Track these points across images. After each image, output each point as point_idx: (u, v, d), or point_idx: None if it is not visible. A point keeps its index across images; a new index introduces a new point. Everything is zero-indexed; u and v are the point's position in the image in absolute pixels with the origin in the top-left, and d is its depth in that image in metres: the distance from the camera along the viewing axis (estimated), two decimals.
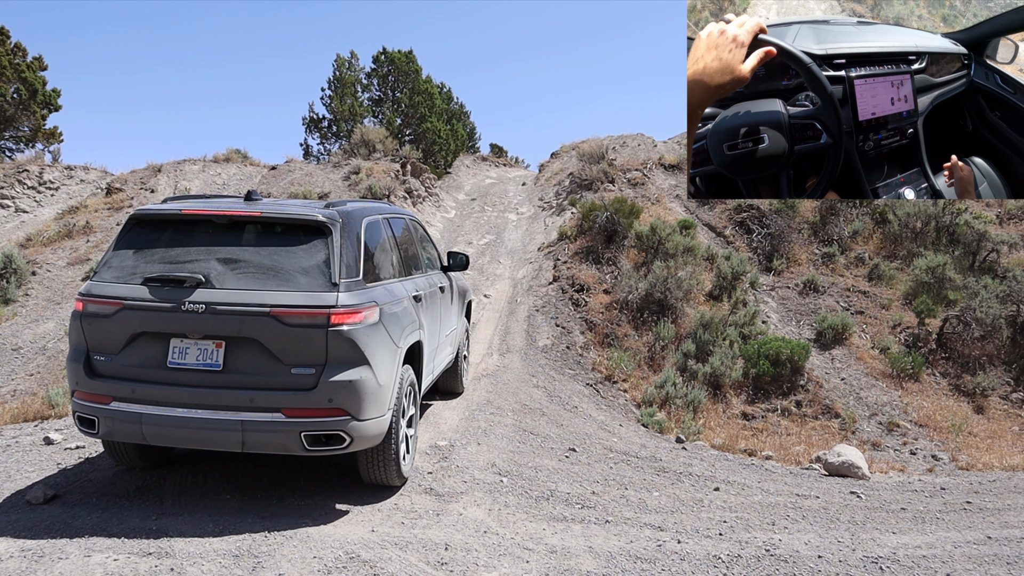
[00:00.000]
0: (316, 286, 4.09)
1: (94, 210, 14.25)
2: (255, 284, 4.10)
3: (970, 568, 4.46)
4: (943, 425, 8.71)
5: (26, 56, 19.71)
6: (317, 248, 4.21)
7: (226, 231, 4.31)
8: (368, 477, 4.73)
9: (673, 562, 4.17)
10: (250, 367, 4.06)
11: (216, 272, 4.14)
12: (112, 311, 4.15)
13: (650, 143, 19.23)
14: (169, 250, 4.28)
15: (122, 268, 4.27)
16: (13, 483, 5.08)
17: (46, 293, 11.21)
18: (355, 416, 4.10)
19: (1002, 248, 12.41)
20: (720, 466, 6.54)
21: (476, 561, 3.93)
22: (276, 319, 4.00)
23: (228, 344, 4.07)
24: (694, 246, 11.70)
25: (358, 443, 4.21)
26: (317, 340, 4.02)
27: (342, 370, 4.06)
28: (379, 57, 23.82)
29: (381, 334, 4.33)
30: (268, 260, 4.18)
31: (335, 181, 15.90)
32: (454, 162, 22.44)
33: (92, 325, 4.21)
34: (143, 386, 4.10)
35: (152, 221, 4.41)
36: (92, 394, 4.20)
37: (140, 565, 3.62)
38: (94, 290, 4.25)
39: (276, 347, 4.03)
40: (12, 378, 8.74)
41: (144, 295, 4.13)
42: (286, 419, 4.00)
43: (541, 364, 8.90)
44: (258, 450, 4.19)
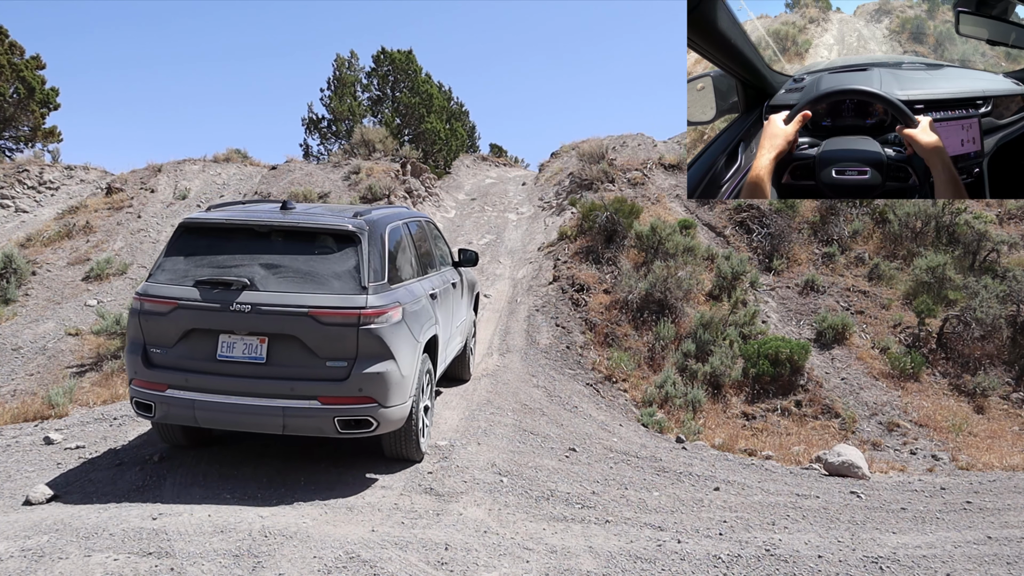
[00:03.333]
0: (348, 289, 4.63)
1: (94, 210, 14.24)
2: (294, 287, 4.64)
3: (970, 568, 4.46)
4: (943, 425, 8.71)
5: (23, 55, 19.69)
6: (348, 255, 4.75)
7: (266, 239, 4.83)
8: (391, 453, 5.29)
9: (673, 562, 4.16)
10: (290, 360, 4.59)
11: (259, 276, 4.67)
12: (168, 310, 4.68)
13: (650, 143, 19.22)
14: (216, 255, 4.80)
15: (175, 271, 4.80)
16: (13, 483, 5.08)
17: (46, 293, 11.20)
18: (382, 403, 4.64)
19: (1002, 248, 12.40)
20: (720, 466, 6.54)
21: (476, 561, 3.93)
22: (313, 318, 4.53)
23: (271, 340, 4.60)
24: (694, 246, 11.70)
25: (384, 427, 4.76)
26: (349, 337, 4.55)
27: (371, 363, 4.59)
28: (379, 57, 23.80)
29: (404, 331, 4.85)
30: (305, 265, 4.72)
31: (335, 181, 15.90)
32: (454, 162, 22.43)
33: (149, 322, 4.74)
34: (195, 376, 4.63)
35: (199, 229, 4.96)
36: (149, 382, 4.71)
37: (140, 565, 3.62)
38: (151, 291, 4.78)
39: (313, 343, 4.55)
40: (12, 378, 8.74)
41: (196, 296, 4.65)
42: (322, 406, 4.55)
43: (541, 364, 8.89)
44: (297, 433, 4.71)
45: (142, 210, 14.36)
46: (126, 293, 11.14)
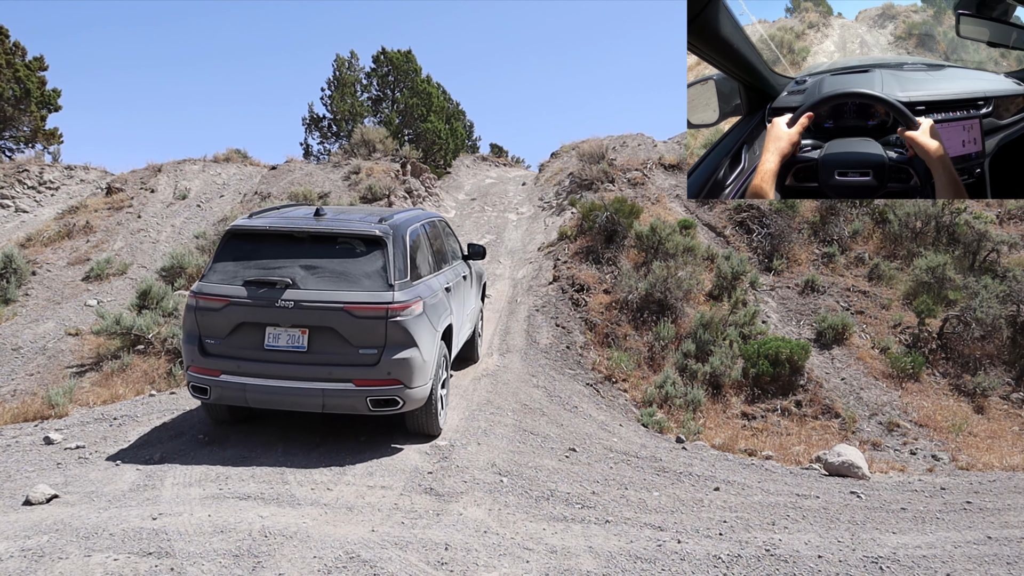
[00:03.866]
0: (377, 287, 5.31)
1: (94, 210, 14.24)
2: (330, 285, 5.30)
3: (970, 568, 4.46)
4: (943, 425, 8.70)
5: (25, 56, 19.68)
6: (376, 257, 5.43)
7: (305, 243, 5.50)
8: (413, 428, 5.91)
9: (673, 562, 4.16)
10: (328, 349, 5.25)
11: (300, 276, 5.34)
12: (221, 306, 5.35)
13: (650, 143, 19.22)
14: (260, 258, 5.46)
15: (225, 272, 5.47)
16: (13, 483, 5.08)
17: (46, 293, 11.20)
18: (407, 385, 5.31)
19: (1002, 248, 12.40)
20: (720, 466, 6.54)
21: (476, 561, 3.93)
22: (348, 312, 5.20)
23: (311, 331, 5.27)
24: (694, 246, 11.70)
25: (409, 405, 5.44)
26: (379, 328, 5.23)
27: (397, 350, 5.26)
28: (378, 57, 23.78)
29: (425, 322, 5.52)
30: (339, 267, 5.40)
31: (335, 181, 15.90)
32: (454, 162, 22.42)
33: (204, 316, 5.40)
34: (245, 363, 5.30)
35: (245, 234, 5.61)
36: (204, 368, 5.38)
37: (140, 565, 3.62)
38: (205, 289, 5.44)
39: (348, 333, 5.23)
40: (12, 378, 8.74)
41: (245, 294, 5.33)
42: (356, 388, 5.24)
43: (541, 364, 8.89)
44: (334, 411, 5.42)
45: (142, 210, 14.36)
46: (126, 293, 11.14)
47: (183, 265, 11.70)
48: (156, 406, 7.08)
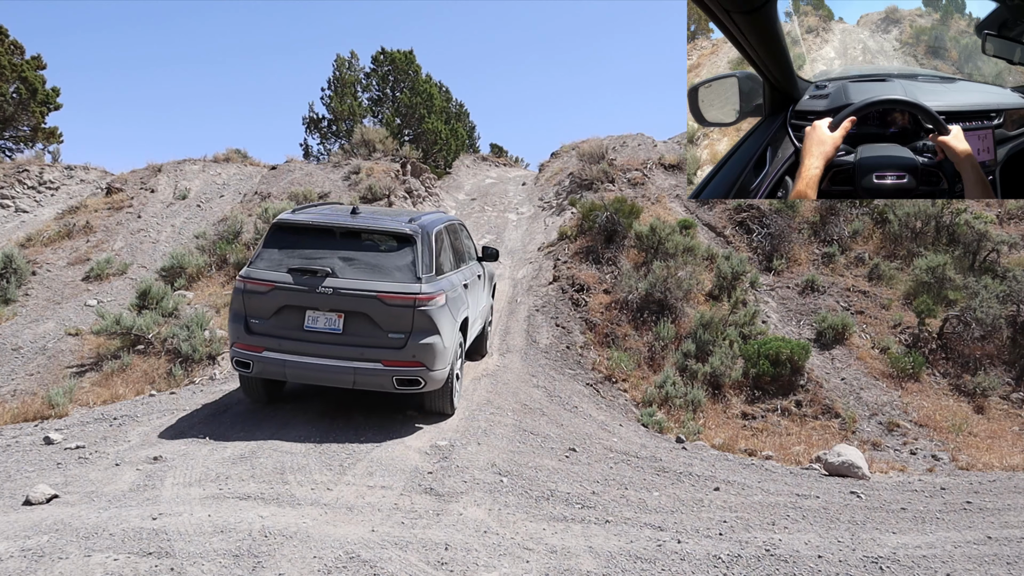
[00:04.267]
0: (406, 279, 5.94)
1: (94, 210, 14.24)
2: (365, 276, 5.93)
3: (970, 568, 4.46)
4: (943, 425, 8.70)
5: (24, 55, 19.66)
6: (406, 252, 6.06)
7: (343, 237, 6.13)
8: (431, 408, 6.47)
9: (673, 562, 4.16)
10: (361, 332, 5.88)
11: (338, 266, 5.96)
12: (266, 290, 5.96)
13: (650, 143, 19.20)
14: (303, 249, 6.06)
15: (271, 260, 6.08)
16: (13, 483, 5.08)
17: (46, 293, 11.20)
18: (429, 368, 5.92)
19: (1002, 248, 12.39)
20: (720, 466, 6.54)
21: (476, 561, 3.93)
22: (380, 300, 5.83)
23: (346, 316, 5.89)
24: (694, 246, 11.69)
25: (429, 386, 6.03)
26: (407, 315, 5.85)
27: (422, 336, 5.88)
28: (379, 57, 23.76)
29: (446, 312, 6.13)
30: (373, 260, 6.04)
31: (335, 181, 15.90)
32: (454, 162, 22.41)
33: (251, 299, 6.01)
34: (286, 342, 5.92)
35: (289, 227, 6.23)
36: (249, 345, 5.99)
37: (140, 565, 3.62)
38: (253, 275, 6.05)
39: (379, 319, 5.85)
40: (12, 378, 8.74)
41: (289, 280, 5.93)
42: (384, 367, 5.86)
43: (541, 364, 8.89)
44: (364, 388, 5.98)
45: (142, 210, 14.36)
46: (126, 293, 11.14)
47: (183, 265, 11.70)
48: (156, 406, 7.08)
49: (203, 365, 8.60)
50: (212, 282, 11.51)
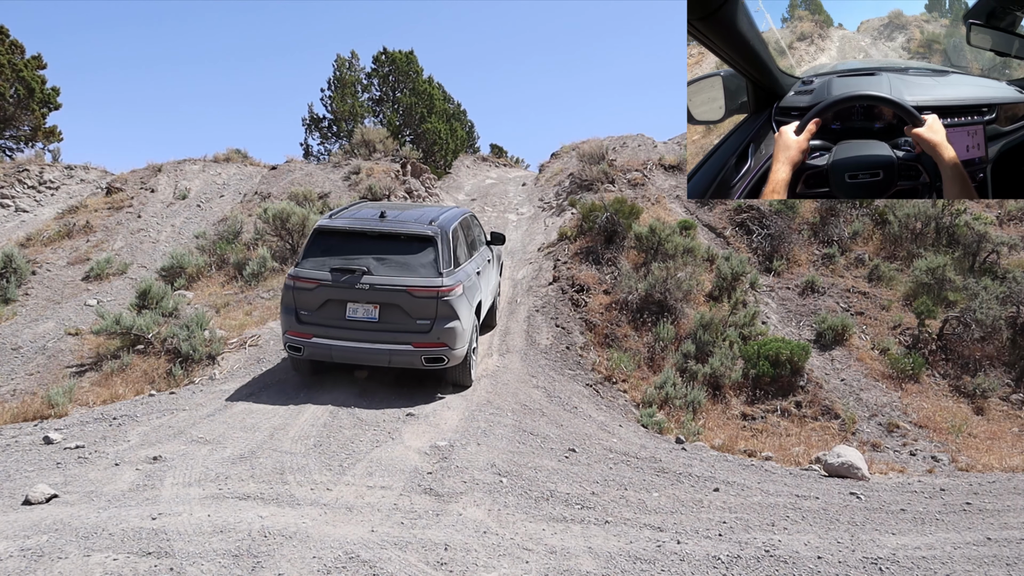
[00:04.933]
0: (430, 274, 6.96)
1: (94, 210, 14.24)
2: (396, 272, 6.95)
3: (969, 569, 4.46)
4: (943, 426, 8.70)
5: (24, 54, 19.66)
6: (429, 252, 7.06)
7: (375, 239, 7.12)
8: (453, 381, 7.50)
9: (673, 563, 4.16)
10: (394, 320, 6.89)
11: (373, 265, 6.97)
12: (313, 287, 6.96)
13: (650, 144, 19.21)
14: (343, 251, 7.06)
15: (315, 261, 7.07)
16: (13, 483, 5.08)
17: (46, 293, 11.20)
18: (451, 347, 6.97)
19: (1002, 249, 12.39)
20: (720, 467, 6.54)
21: (476, 561, 3.93)
22: (409, 293, 6.85)
23: (381, 307, 6.92)
24: (694, 247, 11.69)
25: (451, 362, 7.08)
26: (431, 305, 6.86)
27: (445, 322, 6.90)
28: (379, 57, 23.74)
29: (464, 300, 7.14)
30: (401, 258, 7.04)
31: (335, 181, 15.90)
32: (454, 162, 22.40)
33: (300, 294, 7.00)
34: (331, 329, 6.93)
35: (329, 232, 7.25)
36: (300, 333, 7.01)
37: (140, 565, 3.62)
38: (301, 274, 7.05)
39: (409, 308, 6.87)
40: (12, 378, 8.74)
41: (331, 278, 6.93)
42: (414, 348, 6.89)
43: (541, 364, 8.89)
44: (397, 366, 7.08)
45: (142, 210, 14.36)
46: (126, 293, 11.14)
47: (183, 265, 11.70)
48: (156, 406, 7.08)
49: (203, 365, 8.60)
50: (212, 282, 11.51)
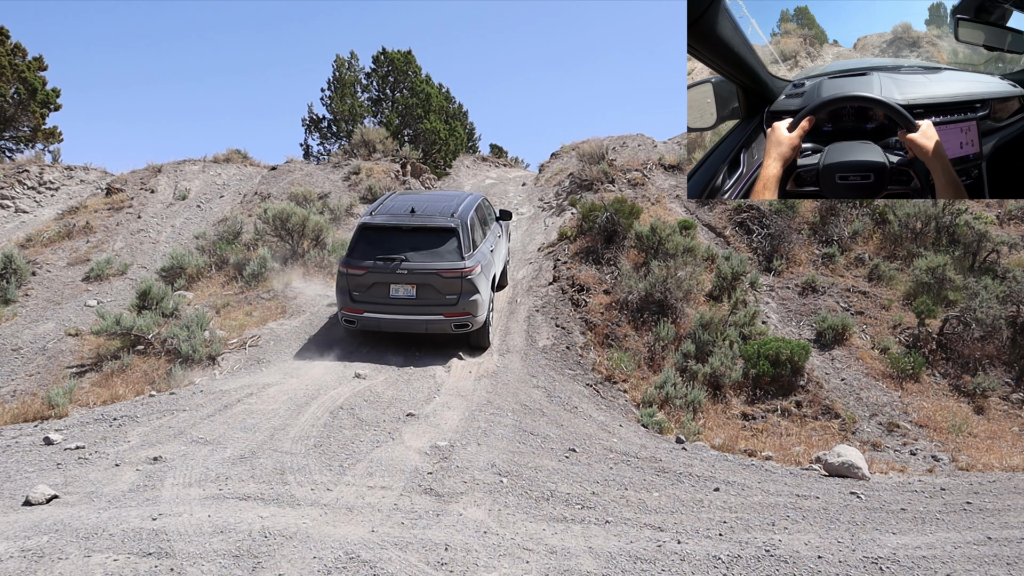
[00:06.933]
0: (455, 259, 8.56)
1: (94, 210, 14.24)
2: (427, 259, 8.57)
3: (970, 568, 4.46)
4: (943, 425, 8.70)
5: (25, 56, 19.67)
6: (453, 241, 8.67)
7: (409, 232, 8.75)
8: (475, 343, 9.10)
9: (673, 562, 4.16)
10: (428, 296, 8.50)
11: (410, 253, 8.59)
12: (362, 273, 8.58)
13: (650, 144, 19.20)
14: (383, 243, 8.67)
15: (362, 251, 8.68)
16: (13, 483, 5.08)
17: (46, 293, 11.20)
18: (474, 316, 8.61)
19: (1002, 249, 12.38)
20: (720, 466, 6.54)
21: (476, 561, 3.93)
22: (439, 275, 8.47)
23: (418, 286, 8.52)
24: (694, 246, 11.69)
25: (474, 327, 8.72)
26: (456, 283, 8.47)
27: (469, 296, 8.50)
28: (378, 57, 23.75)
29: (482, 277, 8.75)
30: (431, 247, 8.66)
31: (335, 181, 15.90)
32: (454, 162, 22.40)
33: (351, 279, 8.61)
34: (379, 306, 8.57)
35: (371, 227, 8.84)
36: (353, 309, 8.63)
37: (140, 565, 3.62)
38: (351, 263, 8.64)
39: (439, 287, 8.47)
40: (12, 378, 8.74)
41: (376, 265, 8.55)
42: (445, 317, 8.52)
43: (541, 364, 8.90)
44: (432, 332, 8.70)
45: (142, 210, 14.36)
46: (126, 293, 11.14)
47: (183, 265, 11.70)
48: (156, 406, 7.08)
49: (203, 365, 8.60)
50: (212, 282, 11.51)
